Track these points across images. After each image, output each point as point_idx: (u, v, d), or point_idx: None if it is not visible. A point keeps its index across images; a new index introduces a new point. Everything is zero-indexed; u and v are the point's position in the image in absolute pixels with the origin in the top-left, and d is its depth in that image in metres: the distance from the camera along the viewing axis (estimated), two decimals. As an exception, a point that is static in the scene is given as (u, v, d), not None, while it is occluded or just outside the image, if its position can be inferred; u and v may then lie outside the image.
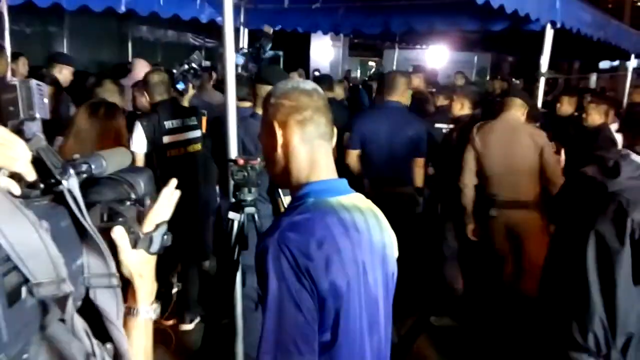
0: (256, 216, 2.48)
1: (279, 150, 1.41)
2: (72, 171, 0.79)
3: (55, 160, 0.78)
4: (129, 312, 0.99)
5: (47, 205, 0.76)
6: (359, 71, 17.19)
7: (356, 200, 1.44)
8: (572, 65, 17.61)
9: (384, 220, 1.50)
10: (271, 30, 5.21)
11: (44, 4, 5.20)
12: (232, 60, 2.55)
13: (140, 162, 3.58)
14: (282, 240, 1.25)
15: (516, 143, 3.78)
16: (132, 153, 2.51)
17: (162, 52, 10.69)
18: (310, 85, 1.47)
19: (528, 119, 3.97)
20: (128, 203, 0.96)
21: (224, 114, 2.62)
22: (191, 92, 4.59)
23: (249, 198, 2.43)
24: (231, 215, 2.46)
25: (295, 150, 1.40)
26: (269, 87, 3.57)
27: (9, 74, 3.72)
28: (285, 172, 1.43)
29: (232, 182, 2.43)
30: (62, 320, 0.70)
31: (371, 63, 18.06)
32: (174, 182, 1.07)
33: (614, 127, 4.64)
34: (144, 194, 0.99)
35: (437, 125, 4.99)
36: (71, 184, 0.77)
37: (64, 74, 5.11)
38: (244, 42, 6.95)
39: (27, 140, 0.77)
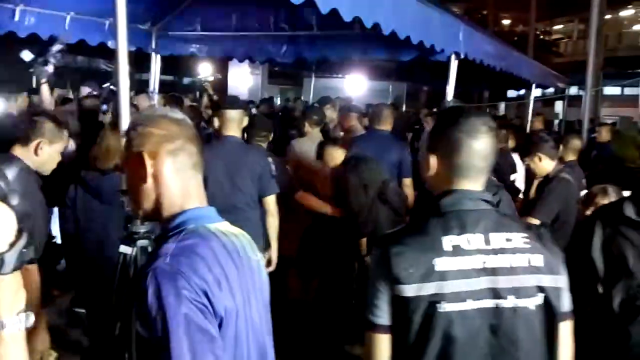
0: (149, 249, 2.37)
1: (149, 181, 1.35)
2: None
3: None
4: None
5: None
6: (278, 99, 17.31)
7: (228, 226, 1.43)
8: (482, 95, 18.52)
9: (254, 245, 1.49)
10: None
11: None
12: (125, 85, 2.46)
13: None
14: (175, 266, 1.20)
15: None
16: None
17: (71, 78, 10.31)
18: (179, 114, 1.43)
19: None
20: None
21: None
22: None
23: (142, 230, 2.33)
24: (122, 248, 2.34)
25: (167, 180, 1.35)
26: (236, 112, 3.68)
27: None
28: (155, 203, 1.37)
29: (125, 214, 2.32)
30: None
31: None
32: None
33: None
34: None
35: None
36: None
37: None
38: (157, 67, 6.82)
39: None
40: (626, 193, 2.97)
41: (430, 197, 1.60)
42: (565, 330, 1.52)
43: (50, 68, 4.44)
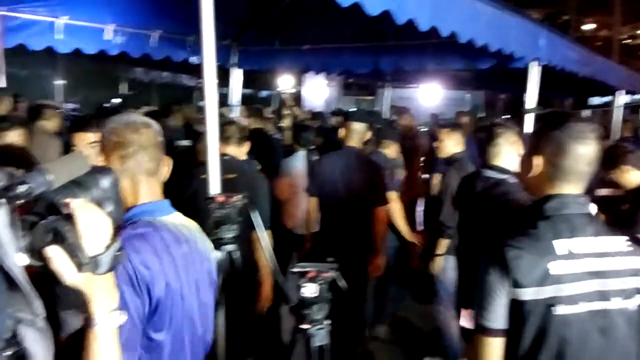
0: (235, 254, 2.46)
1: None
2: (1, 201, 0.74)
3: None
4: (87, 324, 0.95)
5: None
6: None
7: (180, 218, 1.61)
8: (563, 102, 17.81)
9: (204, 235, 1.69)
10: None
11: (37, 47, 5.30)
12: (213, 99, 2.56)
13: None
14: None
15: None
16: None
17: (157, 93, 10.80)
18: (141, 120, 1.59)
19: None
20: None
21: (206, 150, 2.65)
22: None
23: (229, 235, 2.42)
24: (210, 253, 2.44)
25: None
26: (360, 124, 4.04)
27: None
28: None
29: (211, 220, 2.42)
30: None
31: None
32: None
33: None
34: (104, 198, 0.93)
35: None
36: None
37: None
38: (238, 82, 7.05)
39: None
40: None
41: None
42: None
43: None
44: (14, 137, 2.87)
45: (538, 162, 1.59)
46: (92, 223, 0.88)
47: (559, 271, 1.46)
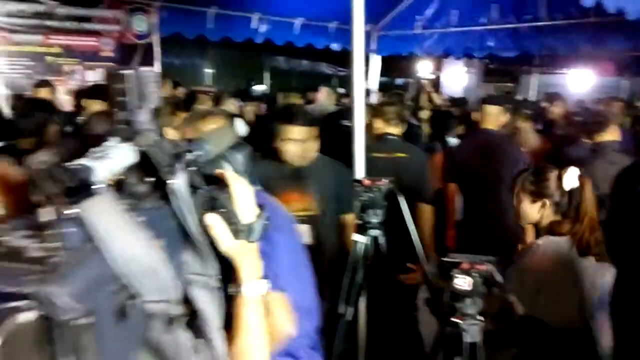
0: (380, 239, 2.42)
1: None
2: (180, 167, 0.78)
3: (164, 156, 0.79)
4: (235, 291, 0.99)
5: (154, 206, 0.77)
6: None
7: None
8: None
9: None
10: None
11: (190, 36, 5.65)
12: (361, 86, 2.54)
13: None
14: None
15: None
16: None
17: (297, 81, 11.10)
18: None
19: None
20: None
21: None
22: None
23: (375, 220, 2.39)
24: (356, 237, 2.42)
25: None
26: (495, 107, 3.97)
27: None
28: None
29: (357, 204, 2.40)
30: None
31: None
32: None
33: None
34: (240, 171, 0.97)
35: None
36: (179, 182, 0.78)
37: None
38: (376, 68, 7.00)
39: (136, 133, 0.78)
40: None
41: None
42: None
43: None
44: (179, 118, 3.17)
45: None
46: (244, 193, 0.93)
47: None
